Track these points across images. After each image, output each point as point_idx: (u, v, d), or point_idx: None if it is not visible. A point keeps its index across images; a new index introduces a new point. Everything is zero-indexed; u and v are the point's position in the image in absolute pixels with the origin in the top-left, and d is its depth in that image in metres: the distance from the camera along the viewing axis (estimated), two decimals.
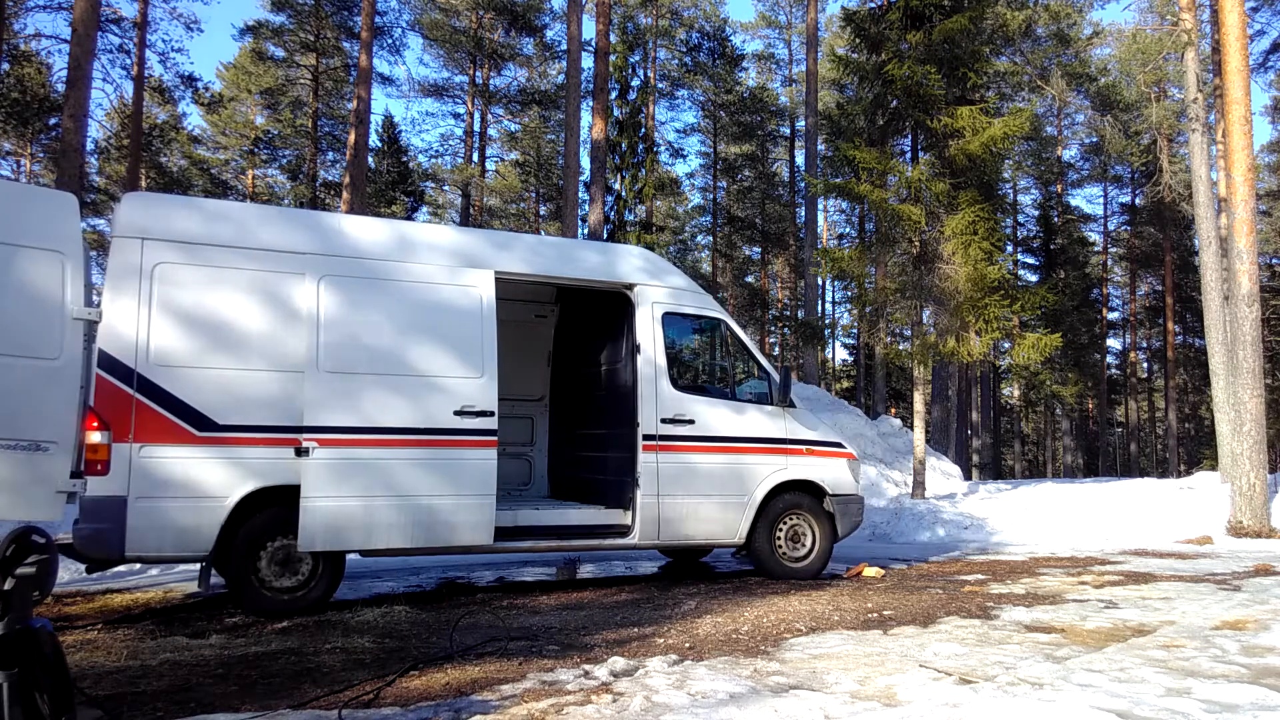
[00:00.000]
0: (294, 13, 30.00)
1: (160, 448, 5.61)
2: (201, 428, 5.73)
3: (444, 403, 6.43)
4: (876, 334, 16.24)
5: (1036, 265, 41.02)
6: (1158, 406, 49.67)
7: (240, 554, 5.86)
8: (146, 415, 5.61)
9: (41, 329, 5.38)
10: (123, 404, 5.55)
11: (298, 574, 6.06)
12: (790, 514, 7.81)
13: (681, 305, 7.66)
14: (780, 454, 7.71)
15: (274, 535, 5.98)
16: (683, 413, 7.35)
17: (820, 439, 7.96)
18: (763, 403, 7.78)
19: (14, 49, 23.21)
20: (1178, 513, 12.69)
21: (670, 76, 38.90)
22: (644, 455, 7.15)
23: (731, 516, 7.48)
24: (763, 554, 7.68)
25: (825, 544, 7.91)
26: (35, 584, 2.29)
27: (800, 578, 7.69)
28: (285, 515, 5.95)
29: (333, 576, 6.20)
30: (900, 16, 15.10)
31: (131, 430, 5.55)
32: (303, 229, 6.50)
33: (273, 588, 5.97)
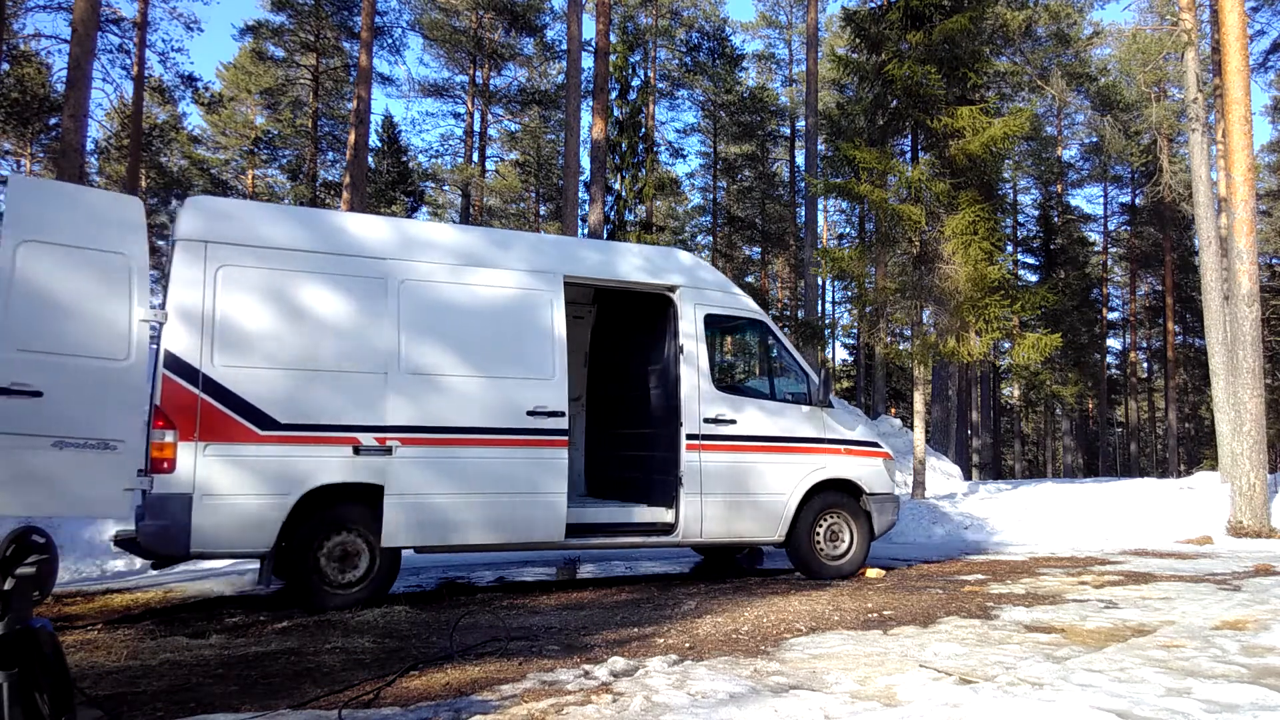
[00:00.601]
0: (294, 13, 29.98)
1: (224, 446, 5.77)
2: (264, 427, 5.89)
3: (518, 403, 6.67)
4: (876, 334, 16.23)
5: (1036, 265, 41.02)
6: (1158, 406, 49.67)
7: (301, 551, 6.02)
8: (211, 414, 5.77)
9: (109, 331, 5.55)
10: (188, 404, 5.71)
11: (356, 569, 6.21)
12: (829, 513, 7.93)
13: (722, 306, 7.83)
14: (819, 453, 7.84)
15: (334, 532, 6.15)
16: (724, 412, 7.48)
17: (857, 439, 8.08)
18: (801, 403, 7.91)
19: (14, 49, 23.20)
20: (1178, 513, 12.69)
21: (670, 76, 38.90)
22: (687, 454, 7.30)
23: (772, 515, 7.61)
24: (802, 552, 7.79)
25: (863, 542, 8.02)
26: (35, 584, 2.28)
27: (839, 576, 7.83)
28: (344, 512, 6.17)
29: (390, 571, 6.34)
30: (900, 16, 15.10)
31: (197, 429, 5.70)
32: (376, 234, 6.70)
33: (332, 583, 6.13)
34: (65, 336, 5.42)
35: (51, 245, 5.42)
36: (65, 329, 5.43)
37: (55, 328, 5.40)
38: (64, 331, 5.42)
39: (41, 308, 5.37)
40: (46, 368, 5.32)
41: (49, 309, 5.40)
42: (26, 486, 5.29)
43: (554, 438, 6.78)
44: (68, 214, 5.57)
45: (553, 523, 6.74)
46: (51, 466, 5.30)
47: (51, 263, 5.41)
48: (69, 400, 5.36)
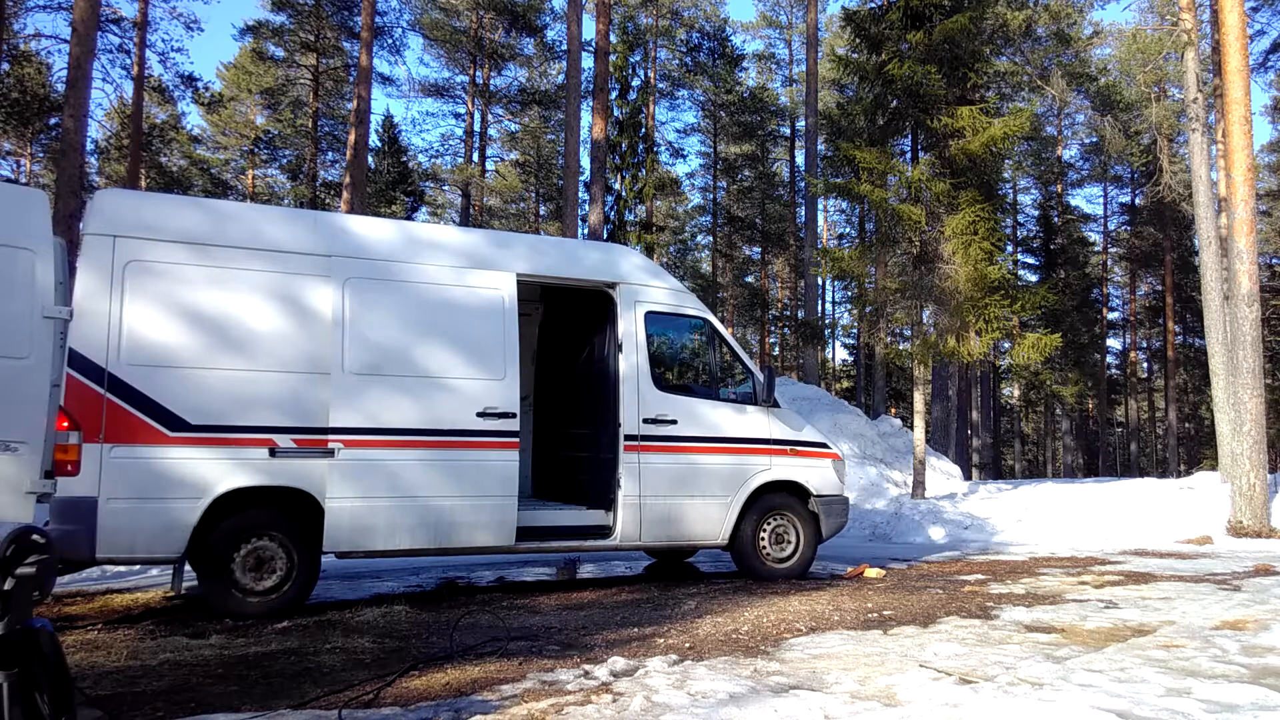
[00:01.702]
0: (294, 13, 29.99)
1: (132, 448, 5.54)
2: (174, 428, 5.66)
3: (467, 404, 6.50)
4: (876, 334, 16.24)
5: (1036, 265, 41.03)
6: (1158, 406, 49.66)
7: (214, 556, 5.77)
8: (118, 415, 5.53)
9: (10, 327, 5.31)
10: (94, 403, 5.48)
11: (273, 575, 5.94)
12: (774, 514, 7.77)
13: (665, 304, 7.59)
14: (764, 454, 7.67)
15: (248, 537, 5.89)
16: (665, 412, 7.30)
17: (805, 439, 7.91)
18: (747, 403, 7.72)
19: (14, 49, 23.20)
20: (1178, 513, 12.69)
21: (670, 76, 38.90)
22: (625, 455, 7.10)
23: (715, 517, 7.44)
24: (746, 554, 7.63)
25: (809, 545, 7.87)
26: (35, 584, 2.28)
27: (783, 578, 7.65)
28: (259, 517, 5.93)
29: (308, 578, 6.08)
30: (901, 16, 15.10)
31: (103, 430, 5.47)
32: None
33: (247, 590, 5.86)
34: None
35: None
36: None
37: None
38: None
39: None
40: None
41: None
42: None
43: (504, 439, 6.60)
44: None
45: (503, 526, 6.57)
46: None
47: None
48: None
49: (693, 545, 7.77)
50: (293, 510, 6.04)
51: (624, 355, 7.26)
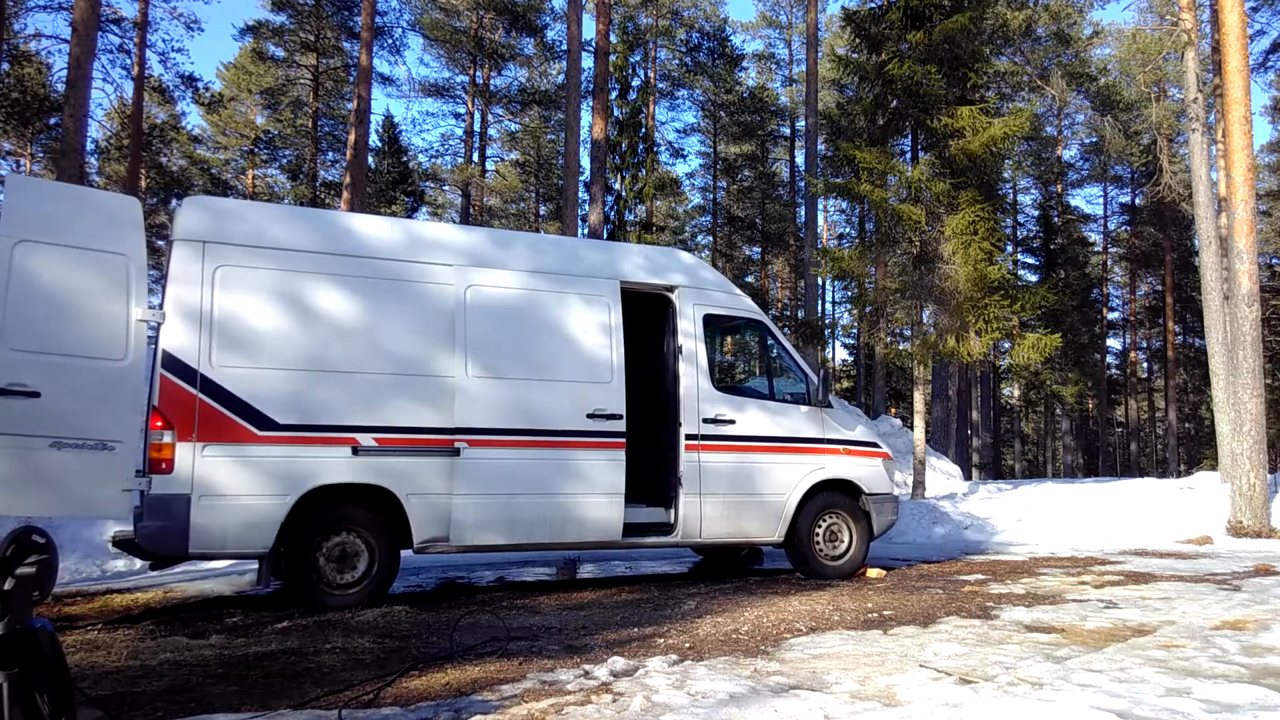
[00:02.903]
0: (294, 13, 29.98)
1: (223, 446, 5.76)
2: (262, 427, 5.88)
3: (578, 406, 6.86)
4: (876, 334, 16.23)
5: (1036, 265, 41.02)
6: (1158, 406, 49.67)
7: (300, 551, 6.00)
8: (209, 415, 5.75)
9: (108, 330, 5.53)
10: (186, 404, 5.70)
11: (355, 569, 6.19)
12: (828, 513, 7.93)
13: (722, 306, 7.85)
14: (818, 454, 7.84)
15: (333, 532, 6.13)
16: (724, 413, 7.50)
17: (856, 439, 8.09)
18: (800, 403, 7.91)
19: (14, 49, 23.19)
20: (1178, 513, 12.69)
21: (670, 76, 38.90)
22: (686, 454, 7.32)
23: (771, 515, 7.62)
24: (802, 552, 7.80)
25: (862, 542, 8.02)
26: (35, 584, 2.28)
27: (838, 576, 7.82)
28: (343, 513, 6.17)
29: (389, 572, 6.32)
30: (900, 16, 15.10)
31: (195, 429, 5.69)
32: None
33: (331, 583, 6.10)
34: (63, 337, 5.40)
35: (49, 245, 5.40)
36: (63, 329, 5.41)
37: (53, 328, 5.38)
38: (62, 332, 5.40)
39: (39, 308, 5.36)
40: (44, 368, 5.30)
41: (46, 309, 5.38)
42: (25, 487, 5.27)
43: (612, 439, 6.95)
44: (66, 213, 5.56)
45: (611, 522, 6.93)
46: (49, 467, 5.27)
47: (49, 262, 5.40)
48: (67, 400, 5.33)
49: (749, 543, 7.92)
50: (377, 507, 6.24)
51: (683, 357, 7.48)
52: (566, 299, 7.07)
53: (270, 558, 5.96)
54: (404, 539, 6.33)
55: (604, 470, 6.89)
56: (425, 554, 6.48)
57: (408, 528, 6.27)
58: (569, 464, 6.78)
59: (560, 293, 7.06)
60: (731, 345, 8.86)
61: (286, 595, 6.47)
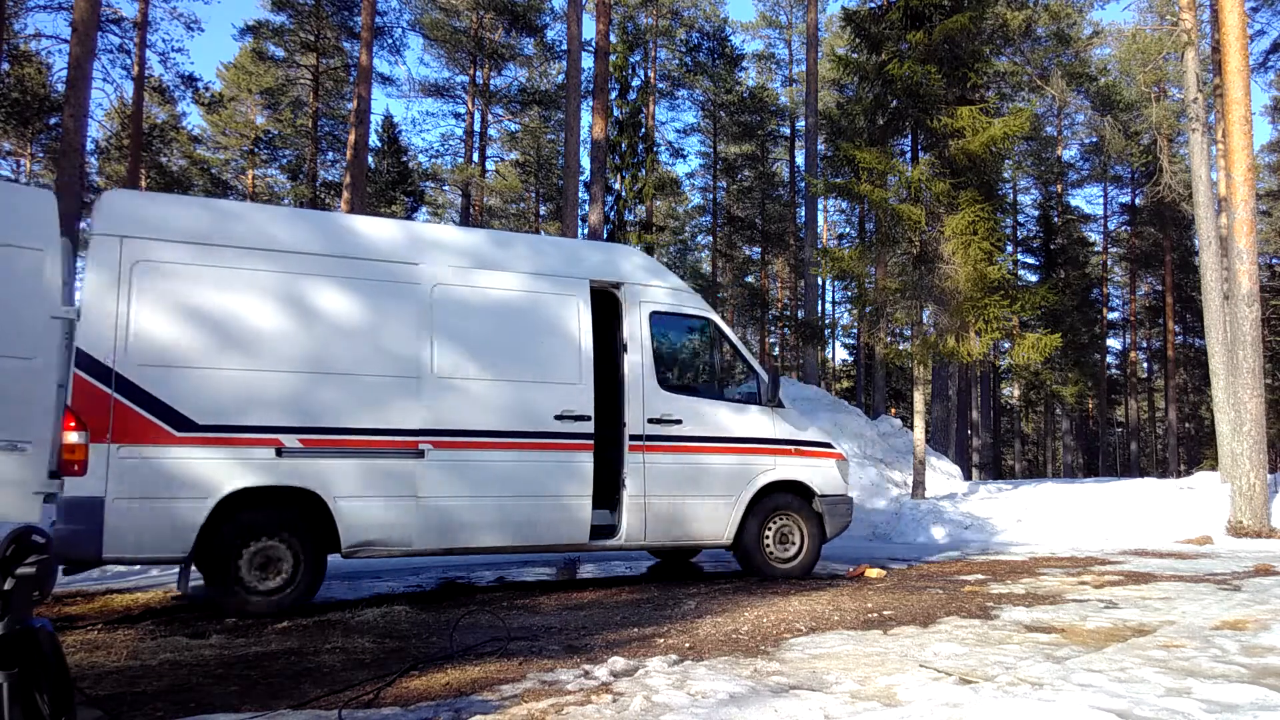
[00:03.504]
0: (294, 13, 29.99)
1: (138, 448, 5.54)
2: (181, 428, 5.66)
3: (546, 407, 6.74)
4: (876, 334, 16.23)
5: (1036, 265, 41.01)
6: (1158, 406, 49.68)
7: (221, 556, 5.76)
8: (124, 415, 5.52)
9: (18, 327, 5.30)
10: (101, 404, 5.47)
11: (279, 575, 5.93)
12: (779, 514, 7.78)
13: (669, 304, 7.61)
14: (769, 454, 7.67)
15: (255, 537, 5.87)
16: (670, 412, 7.32)
17: (809, 439, 7.91)
18: (751, 403, 7.74)
19: (14, 49, 23.20)
20: (1178, 513, 12.68)
21: (670, 76, 38.89)
22: (630, 455, 7.14)
23: (719, 517, 7.45)
24: (751, 554, 7.65)
25: (813, 544, 7.88)
26: (35, 584, 2.28)
27: (788, 578, 7.65)
28: (266, 517, 5.93)
29: (314, 578, 6.08)
30: (900, 16, 15.10)
31: (110, 430, 5.47)
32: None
33: (253, 590, 5.85)
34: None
35: None
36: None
37: None
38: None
39: None
40: None
41: None
42: None
43: (580, 441, 6.84)
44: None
45: (578, 525, 6.82)
46: None
47: None
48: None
49: (697, 545, 7.78)
50: (300, 511, 6.02)
51: (629, 355, 7.28)
52: (536, 298, 6.92)
53: (189, 563, 5.79)
54: (332, 543, 6.09)
55: (572, 472, 6.76)
56: (355, 559, 6.25)
57: (335, 532, 6.03)
58: (535, 465, 6.64)
59: (529, 291, 6.90)
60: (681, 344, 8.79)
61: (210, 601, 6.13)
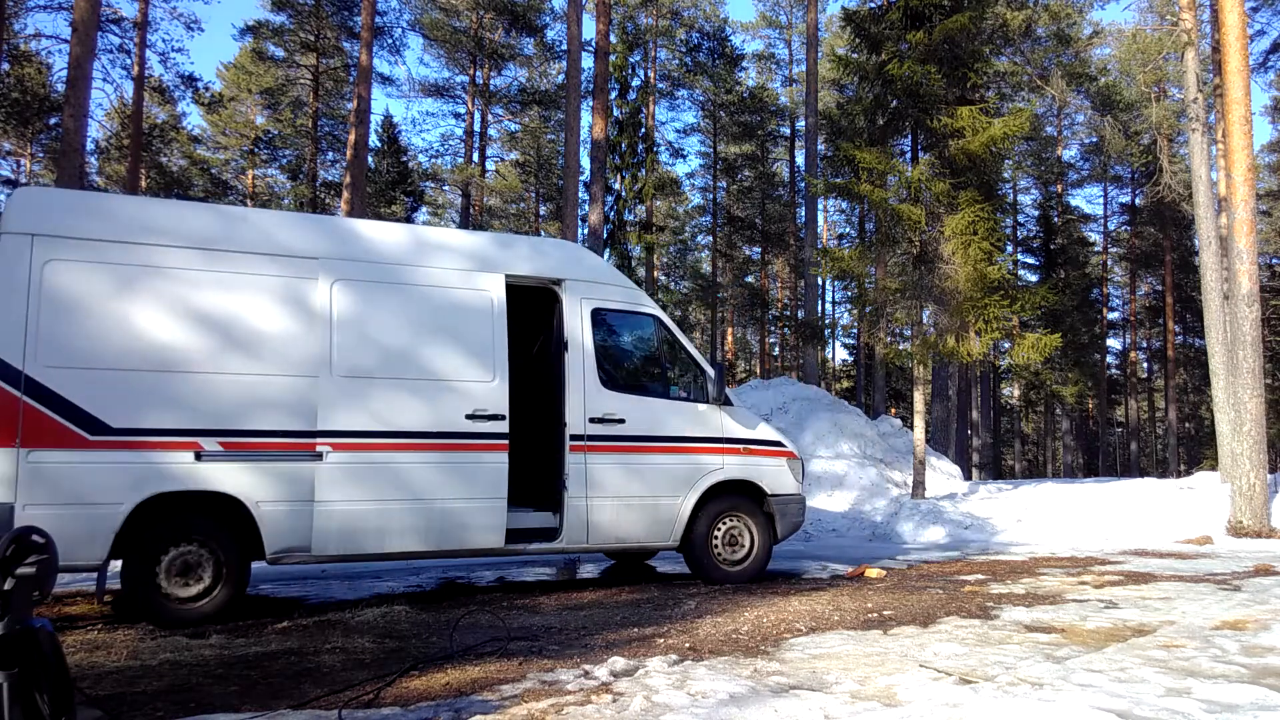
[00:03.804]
0: (294, 13, 29.99)
1: (50, 452, 5.37)
2: (94, 431, 5.49)
3: (456, 406, 6.50)
4: (876, 334, 16.23)
5: (1036, 265, 41.01)
6: (1158, 406, 49.68)
7: (138, 563, 5.60)
8: (35, 418, 5.36)
9: None
10: (9, 407, 5.31)
11: (200, 582, 5.75)
12: (728, 515, 7.60)
13: (612, 301, 7.42)
14: (716, 453, 7.50)
15: (173, 543, 5.71)
16: (613, 411, 7.15)
17: (759, 438, 7.74)
18: (698, 401, 7.56)
19: (14, 49, 23.20)
20: (1178, 513, 12.69)
21: (670, 76, 38.89)
22: (571, 456, 6.96)
23: (665, 518, 7.27)
24: (698, 557, 7.47)
25: (764, 546, 7.69)
26: (35, 584, 2.28)
27: (737, 581, 7.48)
28: (186, 522, 5.78)
29: (237, 584, 5.87)
30: (900, 16, 15.10)
31: (19, 435, 5.30)
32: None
33: (173, 597, 5.67)
34: None
35: None
36: None
37: None
38: None
39: None
40: None
41: None
42: None
43: (494, 441, 6.59)
44: None
45: (493, 529, 6.55)
46: None
47: None
48: None
49: (643, 548, 7.66)
50: (223, 516, 5.84)
51: (570, 353, 7.12)
52: (446, 293, 6.69)
53: (104, 571, 5.69)
54: (255, 549, 5.93)
55: (484, 474, 6.53)
56: (280, 565, 6.11)
57: (259, 538, 5.87)
58: (445, 467, 6.42)
59: (439, 286, 6.67)
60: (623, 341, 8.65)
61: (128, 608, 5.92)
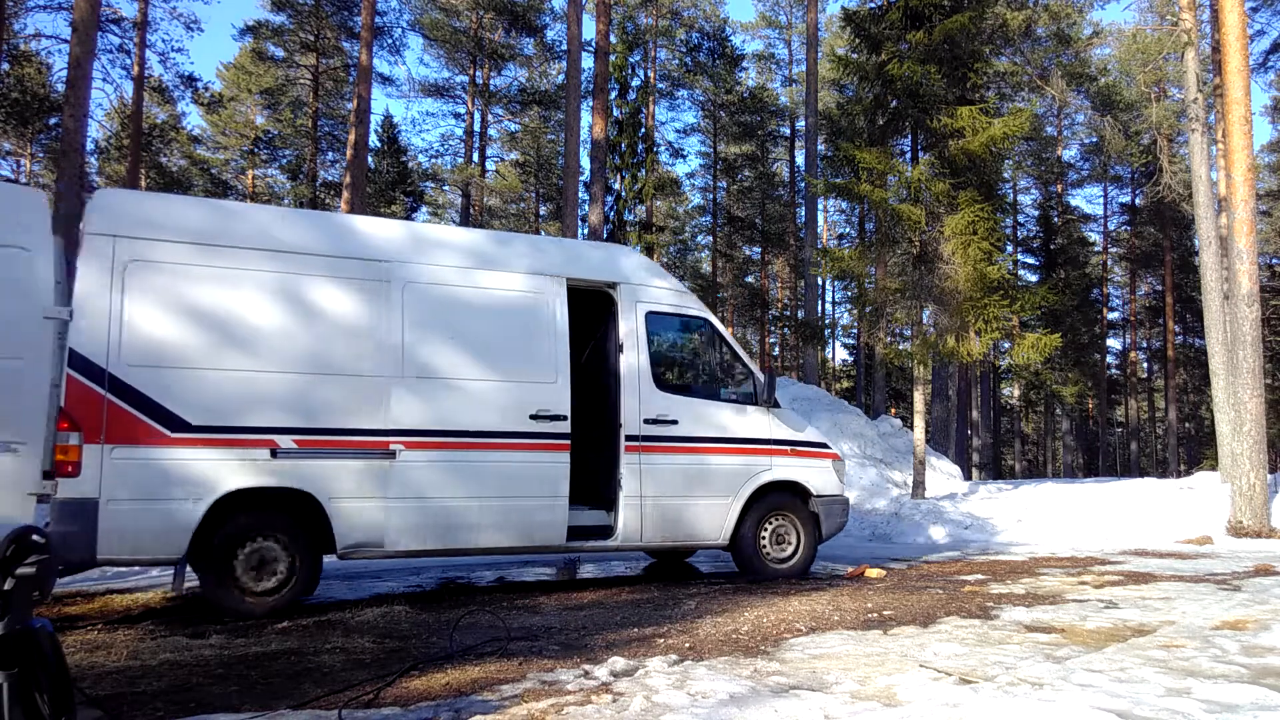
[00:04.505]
0: (294, 13, 30.01)
1: (132, 449, 5.51)
2: (175, 428, 5.63)
3: (520, 407, 6.70)
4: (876, 334, 16.23)
5: (1036, 265, 41.03)
6: (1158, 406, 49.68)
7: (216, 557, 5.73)
8: (118, 416, 5.50)
9: (9, 328, 5.26)
10: (94, 404, 5.44)
11: (275, 576, 5.91)
12: (775, 515, 7.77)
13: (665, 304, 7.60)
14: (765, 455, 7.66)
15: (250, 538, 5.85)
16: (666, 413, 7.31)
17: (805, 440, 7.91)
18: (747, 403, 7.72)
19: (14, 49, 23.20)
20: (1178, 513, 12.68)
21: (670, 76, 38.90)
22: (627, 456, 7.12)
23: (716, 517, 7.44)
24: (747, 555, 7.63)
25: (810, 545, 7.88)
26: (35, 584, 2.28)
27: (784, 578, 7.64)
28: (261, 518, 5.91)
29: (310, 578, 6.07)
30: (900, 16, 15.10)
31: (103, 431, 5.43)
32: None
33: (249, 590, 5.82)
34: None
35: None
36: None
37: None
38: None
39: None
40: None
41: None
42: None
43: (556, 441, 6.76)
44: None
45: (554, 526, 6.75)
46: None
47: None
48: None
49: (693, 546, 7.76)
50: (296, 511, 6.01)
51: (625, 355, 7.27)
52: (511, 296, 6.87)
53: (184, 564, 5.77)
54: (327, 544, 6.08)
55: (547, 473, 6.71)
56: (350, 559, 6.24)
57: (331, 533, 6.01)
58: (509, 466, 6.59)
59: (504, 290, 6.86)
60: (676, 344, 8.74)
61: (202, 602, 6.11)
